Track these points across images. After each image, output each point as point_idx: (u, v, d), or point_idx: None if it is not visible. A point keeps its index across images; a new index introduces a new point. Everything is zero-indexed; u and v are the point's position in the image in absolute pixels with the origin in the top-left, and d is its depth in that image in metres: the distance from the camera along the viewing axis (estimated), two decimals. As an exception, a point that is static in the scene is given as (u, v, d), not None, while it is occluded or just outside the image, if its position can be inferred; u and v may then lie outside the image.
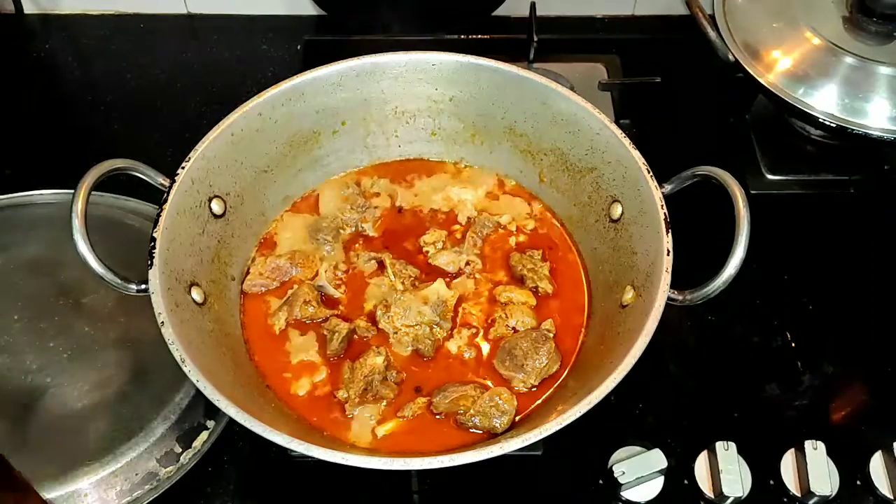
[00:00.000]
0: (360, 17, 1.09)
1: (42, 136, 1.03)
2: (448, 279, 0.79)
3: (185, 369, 0.60)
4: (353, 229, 0.83)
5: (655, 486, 0.73)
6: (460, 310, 0.77)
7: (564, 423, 0.57)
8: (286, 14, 1.15)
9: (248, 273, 0.79)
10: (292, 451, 0.57)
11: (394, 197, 0.86)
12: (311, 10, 1.14)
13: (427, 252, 0.81)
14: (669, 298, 0.64)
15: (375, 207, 0.84)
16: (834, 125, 0.87)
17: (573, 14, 1.16)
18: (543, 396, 0.72)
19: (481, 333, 0.76)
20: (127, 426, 0.73)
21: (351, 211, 0.83)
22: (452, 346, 0.75)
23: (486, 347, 0.75)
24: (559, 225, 0.84)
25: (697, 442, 0.75)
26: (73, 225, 0.64)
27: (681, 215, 0.69)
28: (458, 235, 0.83)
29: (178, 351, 0.60)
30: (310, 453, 0.57)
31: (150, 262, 0.65)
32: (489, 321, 0.76)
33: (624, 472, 0.71)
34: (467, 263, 0.80)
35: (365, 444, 0.69)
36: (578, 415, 0.58)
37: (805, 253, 0.92)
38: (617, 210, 0.75)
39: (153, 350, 0.67)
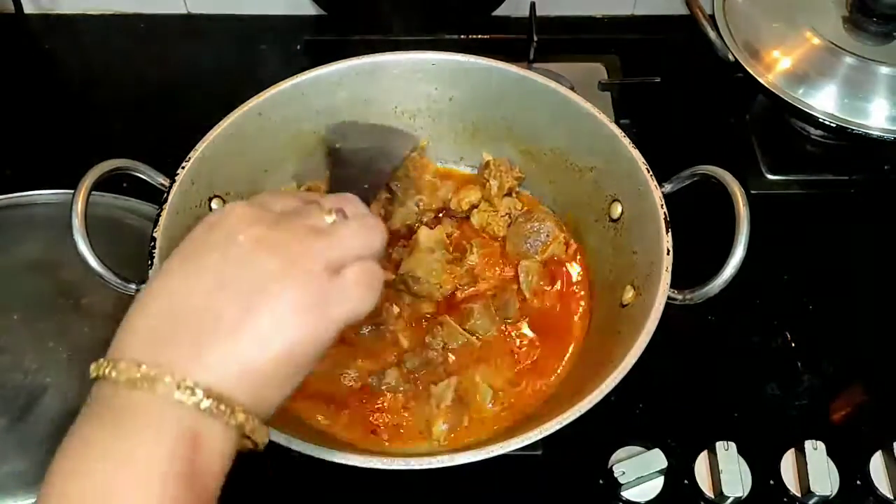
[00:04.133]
0: (360, 17, 1.09)
1: (42, 136, 1.03)
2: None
3: (185, 369, 0.59)
4: None
5: (655, 486, 0.73)
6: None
7: (564, 423, 0.57)
8: (286, 14, 1.15)
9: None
10: (292, 450, 0.57)
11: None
12: (311, 10, 1.14)
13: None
14: (669, 298, 0.64)
15: None
16: (834, 125, 0.87)
17: (573, 14, 1.16)
18: (545, 395, 0.72)
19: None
20: (127, 426, 0.73)
21: None
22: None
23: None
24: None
25: (697, 442, 0.75)
26: (73, 225, 0.64)
27: (681, 215, 0.69)
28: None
29: (178, 351, 0.60)
30: (310, 453, 0.57)
31: (150, 262, 0.65)
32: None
33: (624, 472, 0.71)
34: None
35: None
36: (578, 415, 0.57)
37: (805, 253, 0.92)
38: (617, 209, 0.75)
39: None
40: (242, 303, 0.42)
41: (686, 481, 0.74)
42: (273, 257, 0.43)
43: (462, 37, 1.10)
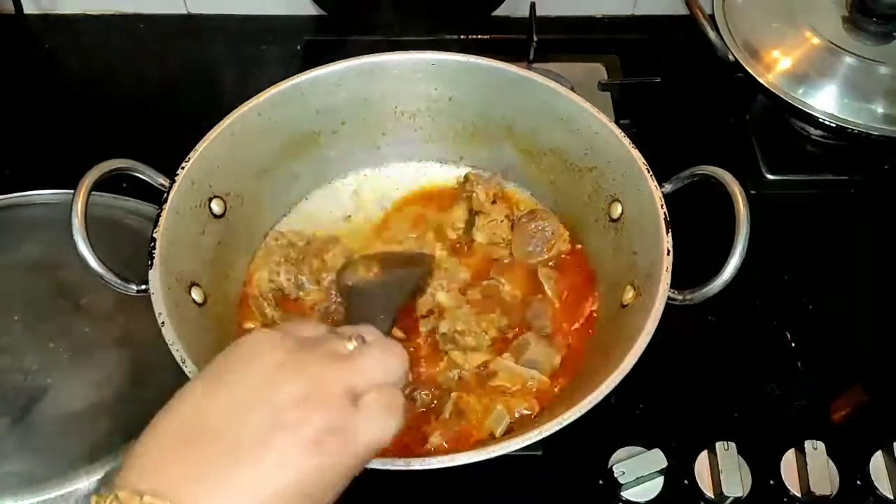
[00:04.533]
0: (360, 17, 1.09)
1: (42, 136, 1.03)
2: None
3: (186, 370, 0.60)
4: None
5: (655, 486, 0.73)
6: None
7: (564, 423, 0.57)
8: (286, 14, 1.15)
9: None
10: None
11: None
12: (311, 10, 1.14)
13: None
14: (669, 298, 0.64)
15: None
16: (834, 125, 0.87)
17: (573, 14, 1.16)
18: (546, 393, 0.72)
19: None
20: (127, 426, 0.72)
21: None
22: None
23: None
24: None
25: (697, 442, 0.75)
26: (73, 225, 0.64)
27: (681, 215, 0.69)
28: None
29: (178, 351, 0.60)
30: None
31: (150, 263, 0.65)
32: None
33: (624, 472, 0.71)
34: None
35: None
36: (578, 415, 0.57)
37: (805, 253, 0.92)
38: (617, 209, 0.75)
39: (153, 350, 0.67)
40: (259, 428, 0.40)
41: (686, 481, 0.74)
42: (293, 382, 0.42)
43: (462, 37, 1.10)
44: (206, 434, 0.40)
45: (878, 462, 0.75)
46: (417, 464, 0.57)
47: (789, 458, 0.75)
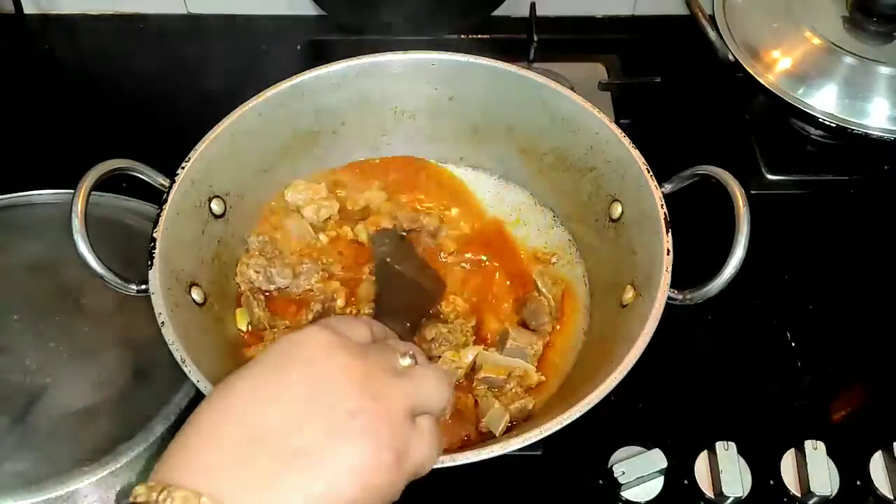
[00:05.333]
0: (360, 17, 1.09)
1: (42, 136, 1.03)
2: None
3: (186, 369, 0.60)
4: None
5: (655, 486, 0.73)
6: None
7: (564, 423, 0.57)
8: (286, 14, 1.15)
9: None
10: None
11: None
12: (311, 10, 1.14)
13: None
14: (670, 298, 0.64)
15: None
16: (834, 125, 0.87)
17: (573, 14, 1.16)
18: (545, 396, 0.72)
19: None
20: (127, 426, 0.72)
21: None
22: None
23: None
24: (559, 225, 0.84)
25: (697, 442, 0.75)
26: (73, 225, 0.64)
27: (681, 215, 0.69)
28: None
29: (178, 351, 0.60)
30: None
31: (150, 263, 0.65)
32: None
33: (624, 472, 0.71)
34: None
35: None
36: (578, 415, 0.58)
37: (805, 253, 0.92)
38: (617, 209, 0.75)
39: (153, 350, 0.67)
40: (320, 434, 0.39)
41: (686, 481, 0.74)
42: (358, 393, 0.41)
43: (462, 37, 1.10)
44: (267, 440, 0.39)
45: (878, 462, 0.75)
46: (417, 464, 0.57)
47: (789, 458, 0.75)
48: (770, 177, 0.97)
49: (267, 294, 0.78)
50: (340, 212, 0.83)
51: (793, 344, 0.84)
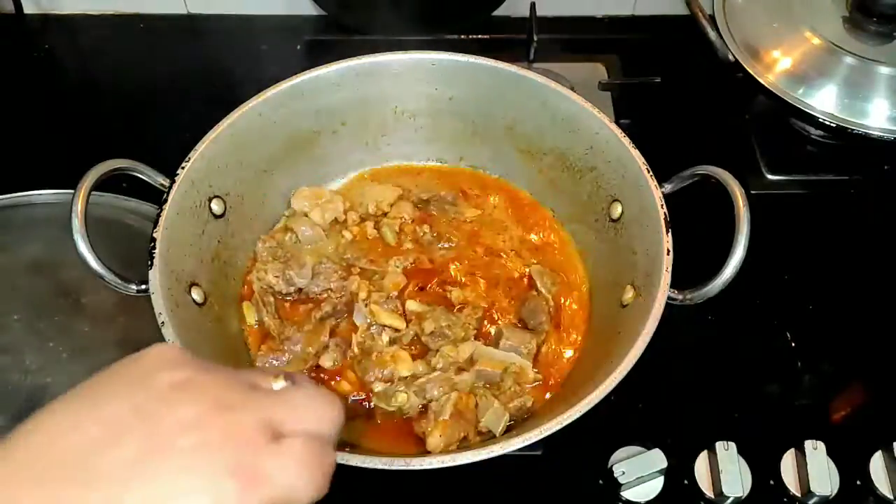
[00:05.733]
0: (360, 17, 1.09)
1: (42, 136, 1.03)
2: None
3: (186, 369, 0.59)
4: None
5: (655, 486, 0.73)
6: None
7: (564, 423, 0.57)
8: (286, 14, 1.15)
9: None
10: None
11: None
12: (311, 10, 1.14)
13: None
14: (670, 298, 0.64)
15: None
16: (834, 125, 0.87)
17: (573, 14, 1.16)
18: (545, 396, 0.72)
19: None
20: (127, 426, 0.73)
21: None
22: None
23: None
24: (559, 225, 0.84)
25: (697, 442, 0.75)
26: (73, 225, 0.64)
27: (681, 215, 0.69)
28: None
29: (178, 351, 0.60)
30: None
31: (150, 263, 0.65)
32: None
33: (624, 472, 0.71)
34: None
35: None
36: (578, 415, 0.58)
37: (805, 253, 0.92)
38: (617, 209, 0.75)
39: (153, 350, 0.67)
40: (138, 454, 0.32)
41: (686, 481, 0.74)
42: (191, 404, 0.34)
43: (462, 37, 1.10)
44: (75, 456, 0.33)
45: (878, 462, 0.75)
46: (417, 464, 0.57)
47: (789, 458, 0.75)
48: (770, 177, 0.97)
49: (285, 297, 0.78)
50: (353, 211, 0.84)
51: (793, 344, 0.84)
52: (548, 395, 0.73)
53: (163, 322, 0.62)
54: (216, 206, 0.75)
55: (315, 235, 0.81)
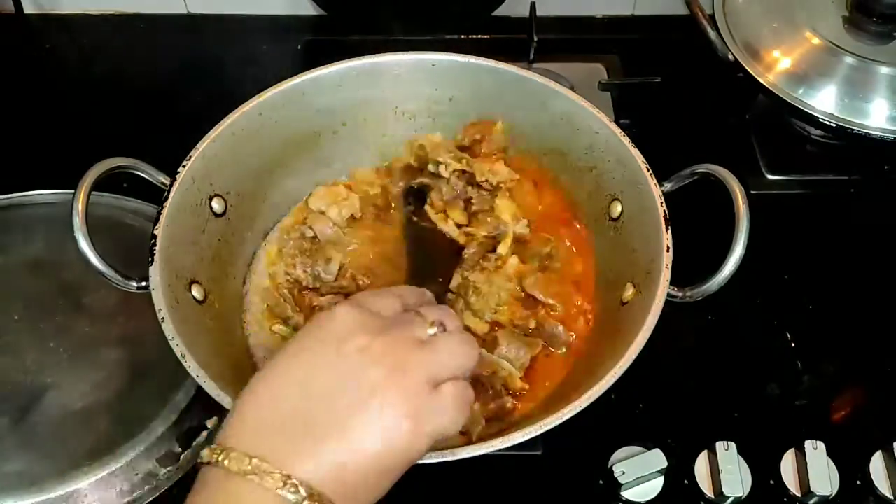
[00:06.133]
0: (360, 17, 1.09)
1: (42, 135, 1.03)
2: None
3: (186, 365, 0.59)
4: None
5: (655, 486, 0.73)
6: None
7: (564, 418, 0.57)
8: (286, 14, 1.15)
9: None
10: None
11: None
12: (311, 10, 1.14)
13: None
14: (669, 295, 0.64)
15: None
16: (834, 125, 0.87)
17: (573, 14, 1.16)
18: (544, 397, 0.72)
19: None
20: (127, 426, 0.73)
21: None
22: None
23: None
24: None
25: (697, 442, 0.75)
26: (74, 222, 0.64)
27: (681, 213, 0.69)
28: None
29: (178, 346, 0.60)
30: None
31: (150, 259, 0.65)
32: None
33: (624, 472, 0.71)
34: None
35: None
36: (578, 410, 0.57)
37: (805, 253, 0.92)
38: (617, 208, 0.75)
39: (153, 350, 0.67)
40: (346, 409, 0.45)
41: (686, 481, 0.74)
42: (377, 367, 0.46)
43: (462, 37, 1.10)
44: (302, 413, 0.45)
45: (878, 462, 0.75)
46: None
47: (789, 458, 0.75)
48: (770, 177, 0.97)
49: (310, 290, 0.78)
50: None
51: (793, 344, 0.84)
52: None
53: (163, 318, 0.62)
54: (217, 205, 0.75)
55: (334, 233, 0.81)
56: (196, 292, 0.70)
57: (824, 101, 0.88)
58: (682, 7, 0.98)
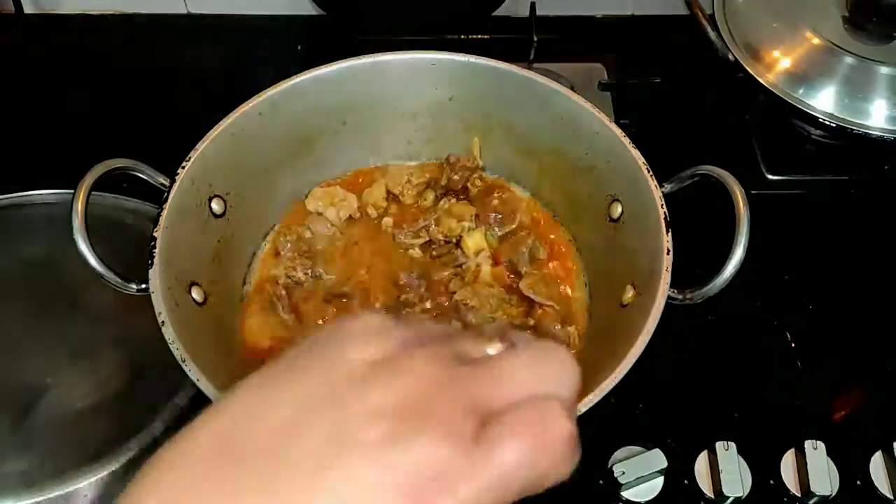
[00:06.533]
0: (360, 16, 1.09)
1: (42, 135, 1.03)
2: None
3: (186, 368, 0.60)
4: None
5: (655, 486, 0.73)
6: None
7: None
8: (286, 14, 1.15)
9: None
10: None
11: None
12: (311, 10, 1.14)
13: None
14: (669, 297, 0.64)
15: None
16: (834, 125, 0.87)
17: (573, 14, 1.16)
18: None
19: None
20: (127, 426, 0.73)
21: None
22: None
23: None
24: (559, 224, 0.84)
25: (697, 442, 0.75)
26: (73, 224, 0.64)
27: (681, 215, 0.69)
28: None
29: (178, 350, 0.60)
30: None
31: (150, 262, 0.65)
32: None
33: (624, 472, 0.71)
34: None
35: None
36: (577, 414, 0.57)
37: (805, 253, 0.92)
38: (617, 209, 0.75)
39: (153, 350, 0.67)
40: (322, 447, 0.28)
41: (686, 481, 0.74)
42: (384, 387, 0.29)
43: (462, 37, 1.10)
44: (251, 448, 0.28)
45: (878, 462, 0.75)
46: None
47: (789, 458, 0.75)
48: (770, 177, 0.97)
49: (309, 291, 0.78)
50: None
51: (793, 344, 0.84)
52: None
53: (163, 321, 0.62)
54: (216, 206, 0.75)
55: (332, 234, 0.82)
56: (196, 294, 0.70)
57: (824, 101, 0.88)
58: (682, 7, 0.98)
